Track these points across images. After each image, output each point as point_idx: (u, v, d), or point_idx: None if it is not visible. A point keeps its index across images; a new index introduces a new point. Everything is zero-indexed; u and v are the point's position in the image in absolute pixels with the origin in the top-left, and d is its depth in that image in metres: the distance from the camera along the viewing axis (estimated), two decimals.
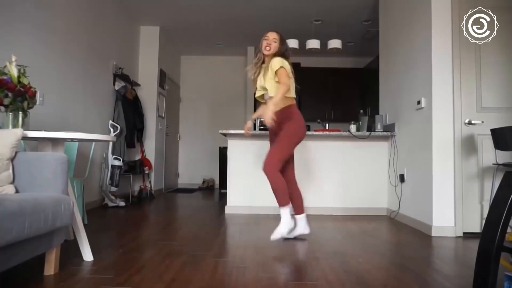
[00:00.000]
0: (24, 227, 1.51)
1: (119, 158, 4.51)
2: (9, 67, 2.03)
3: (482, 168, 3.11)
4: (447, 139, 3.14)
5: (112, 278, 1.85)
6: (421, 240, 2.96)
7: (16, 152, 1.88)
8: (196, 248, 2.47)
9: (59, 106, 3.62)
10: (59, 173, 1.88)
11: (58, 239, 1.87)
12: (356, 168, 4.21)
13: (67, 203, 1.85)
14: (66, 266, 1.97)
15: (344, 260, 2.25)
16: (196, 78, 7.59)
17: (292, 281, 1.90)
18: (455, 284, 1.88)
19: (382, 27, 4.59)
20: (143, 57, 5.97)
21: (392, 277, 1.99)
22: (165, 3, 5.14)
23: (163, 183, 6.40)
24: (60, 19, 3.64)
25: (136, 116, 5.33)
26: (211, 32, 6.26)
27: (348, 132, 4.12)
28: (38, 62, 3.16)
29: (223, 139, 4.48)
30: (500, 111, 3.11)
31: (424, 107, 3.30)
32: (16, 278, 1.83)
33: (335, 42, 5.17)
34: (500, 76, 3.16)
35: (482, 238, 1.41)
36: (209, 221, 3.77)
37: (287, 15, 5.40)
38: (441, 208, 3.11)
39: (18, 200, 1.57)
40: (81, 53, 4.07)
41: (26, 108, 2.07)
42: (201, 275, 1.91)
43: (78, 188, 3.14)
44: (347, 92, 7.02)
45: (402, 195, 3.76)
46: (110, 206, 4.39)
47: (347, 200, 4.17)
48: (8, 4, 2.90)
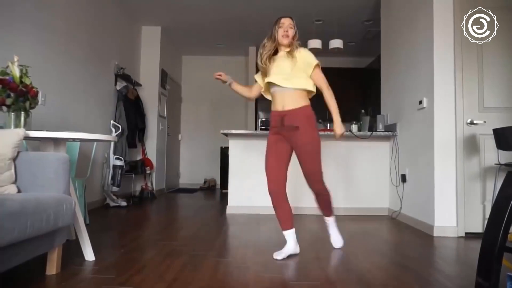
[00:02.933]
0: (26, 226, 1.51)
1: (121, 158, 4.51)
2: (11, 67, 2.04)
3: (484, 168, 3.11)
4: (449, 139, 3.14)
5: (113, 277, 1.85)
6: (422, 240, 2.96)
7: (18, 152, 1.89)
8: (197, 248, 2.47)
9: (61, 106, 3.63)
10: (61, 173, 1.88)
11: (60, 239, 1.87)
12: (357, 168, 4.20)
13: (69, 203, 1.85)
14: (68, 266, 1.98)
15: (345, 260, 2.25)
16: (197, 78, 7.60)
17: (293, 281, 1.89)
18: (457, 284, 1.87)
19: (384, 27, 4.58)
20: (145, 57, 5.97)
21: (393, 277, 1.99)
22: (167, 3, 5.15)
23: (165, 183, 6.41)
24: (61, 19, 3.65)
25: (138, 116, 5.34)
26: (212, 32, 6.27)
27: (350, 132, 4.11)
28: (39, 62, 3.16)
29: (225, 139, 4.48)
30: (502, 111, 3.11)
31: (426, 107, 3.30)
32: (18, 277, 1.84)
33: (336, 42, 5.16)
34: (502, 76, 3.15)
35: (484, 238, 1.40)
36: (210, 221, 3.77)
37: (288, 15, 5.39)
38: (443, 208, 3.10)
39: (20, 200, 1.57)
40: (82, 53, 4.07)
41: (28, 108, 2.07)
42: (202, 275, 1.91)
43: (80, 188, 3.14)
44: (348, 92, 6.99)
45: (404, 195, 3.75)
46: (112, 206, 4.40)
47: (349, 200, 4.16)
48: (9, 4, 2.91)
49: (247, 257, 2.31)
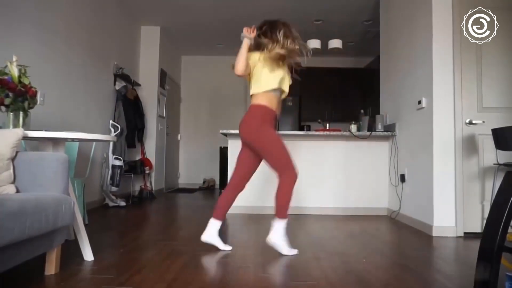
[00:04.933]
0: (25, 227, 1.51)
1: (120, 158, 4.51)
2: (10, 67, 2.03)
3: (483, 168, 3.11)
4: (448, 139, 3.14)
5: (113, 278, 1.85)
6: (421, 240, 2.96)
7: (17, 152, 1.88)
8: (197, 248, 2.47)
9: (60, 106, 3.63)
10: (60, 173, 1.88)
11: (59, 239, 1.87)
12: (356, 168, 4.20)
13: (68, 203, 1.85)
14: (67, 266, 1.98)
15: (344, 260, 2.25)
16: (196, 78, 7.60)
17: (293, 281, 1.89)
18: (456, 284, 1.88)
19: (383, 27, 4.58)
20: (144, 57, 5.97)
21: (392, 277, 1.99)
22: (166, 3, 5.14)
23: (164, 183, 6.40)
24: (60, 19, 3.65)
25: (137, 116, 5.33)
26: (212, 32, 6.26)
27: (349, 132, 4.11)
28: (38, 62, 3.16)
29: (224, 139, 4.48)
30: (501, 111, 3.11)
31: (425, 107, 3.30)
32: (17, 277, 1.83)
33: (336, 42, 5.17)
34: (501, 76, 3.15)
35: (483, 238, 1.40)
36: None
37: (288, 15, 5.35)
38: (442, 208, 3.11)
39: (19, 200, 1.57)
40: (81, 53, 4.07)
41: (27, 108, 2.07)
42: (202, 275, 1.91)
43: (79, 188, 3.14)
44: (347, 92, 7.01)
45: (403, 195, 3.76)
46: (111, 206, 4.39)
47: (348, 200, 4.17)
48: (9, 4, 2.91)
49: (247, 257, 2.32)
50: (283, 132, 4.18)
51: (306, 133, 4.23)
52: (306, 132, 4.25)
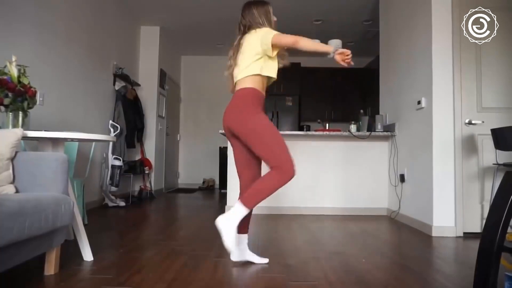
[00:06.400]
0: (25, 227, 1.51)
1: (119, 158, 4.51)
2: (9, 67, 2.03)
3: (483, 168, 3.11)
4: (448, 139, 3.14)
5: (112, 278, 1.85)
6: (421, 240, 2.96)
7: (16, 152, 1.88)
8: (196, 248, 2.47)
9: (59, 106, 3.62)
10: (59, 173, 1.88)
11: (58, 239, 1.87)
12: (356, 168, 4.20)
13: (67, 203, 1.85)
14: (66, 266, 1.97)
15: (344, 260, 2.25)
16: (196, 78, 7.59)
17: (292, 281, 1.89)
18: (456, 284, 1.88)
19: (382, 27, 4.59)
20: (144, 57, 5.97)
21: (392, 277, 1.99)
22: (166, 3, 5.14)
23: (163, 183, 6.40)
24: (60, 19, 3.64)
25: (137, 116, 5.33)
26: (212, 32, 6.26)
27: (348, 132, 4.11)
28: (38, 62, 3.16)
29: (223, 139, 4.47)
30: (500, 111, 3.11)
31: (425, 107, 3.30)
32: (16, 278, 1.83)
33: (336, 42, 5.16)
34: (500, 76, 3.16)
35: (482, 238, 1.40)
36: (209, 221, 3.75)
37: (288, 15, 5.39)
38: (441, 208, 3.11)
39: (18, 200, 1.57)
40: (81, 53, 4.07)
41: (26, 108, 2.07)
42: (202, 275, 1.91)
43: (78, 188, 3.14)
44: (347, 92, 7.02)
45: (403, 195, 3.76)
46: (110, 206, 4.39)
47: (347, 200, 4.17)
48: (8, 4, 2.90)
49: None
50: (282, 132, 4.18)
51: (305, 133, 4.22)
52: (305, 132, 4.24)
